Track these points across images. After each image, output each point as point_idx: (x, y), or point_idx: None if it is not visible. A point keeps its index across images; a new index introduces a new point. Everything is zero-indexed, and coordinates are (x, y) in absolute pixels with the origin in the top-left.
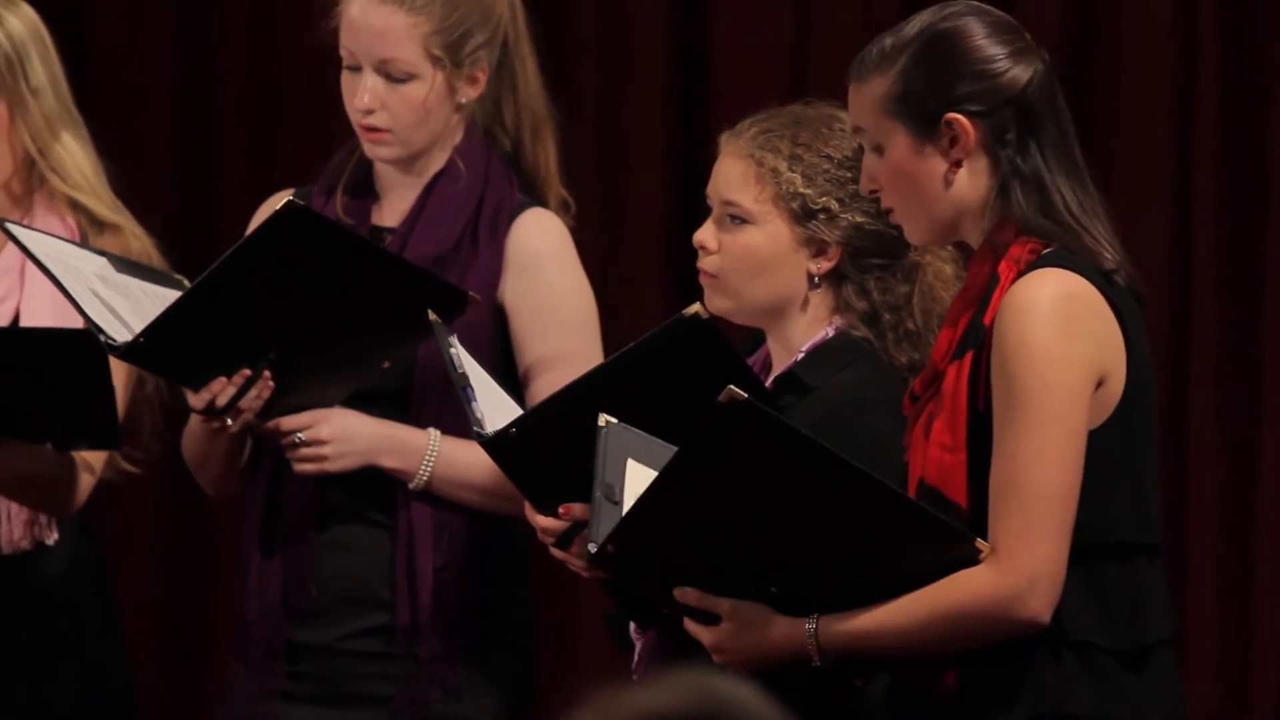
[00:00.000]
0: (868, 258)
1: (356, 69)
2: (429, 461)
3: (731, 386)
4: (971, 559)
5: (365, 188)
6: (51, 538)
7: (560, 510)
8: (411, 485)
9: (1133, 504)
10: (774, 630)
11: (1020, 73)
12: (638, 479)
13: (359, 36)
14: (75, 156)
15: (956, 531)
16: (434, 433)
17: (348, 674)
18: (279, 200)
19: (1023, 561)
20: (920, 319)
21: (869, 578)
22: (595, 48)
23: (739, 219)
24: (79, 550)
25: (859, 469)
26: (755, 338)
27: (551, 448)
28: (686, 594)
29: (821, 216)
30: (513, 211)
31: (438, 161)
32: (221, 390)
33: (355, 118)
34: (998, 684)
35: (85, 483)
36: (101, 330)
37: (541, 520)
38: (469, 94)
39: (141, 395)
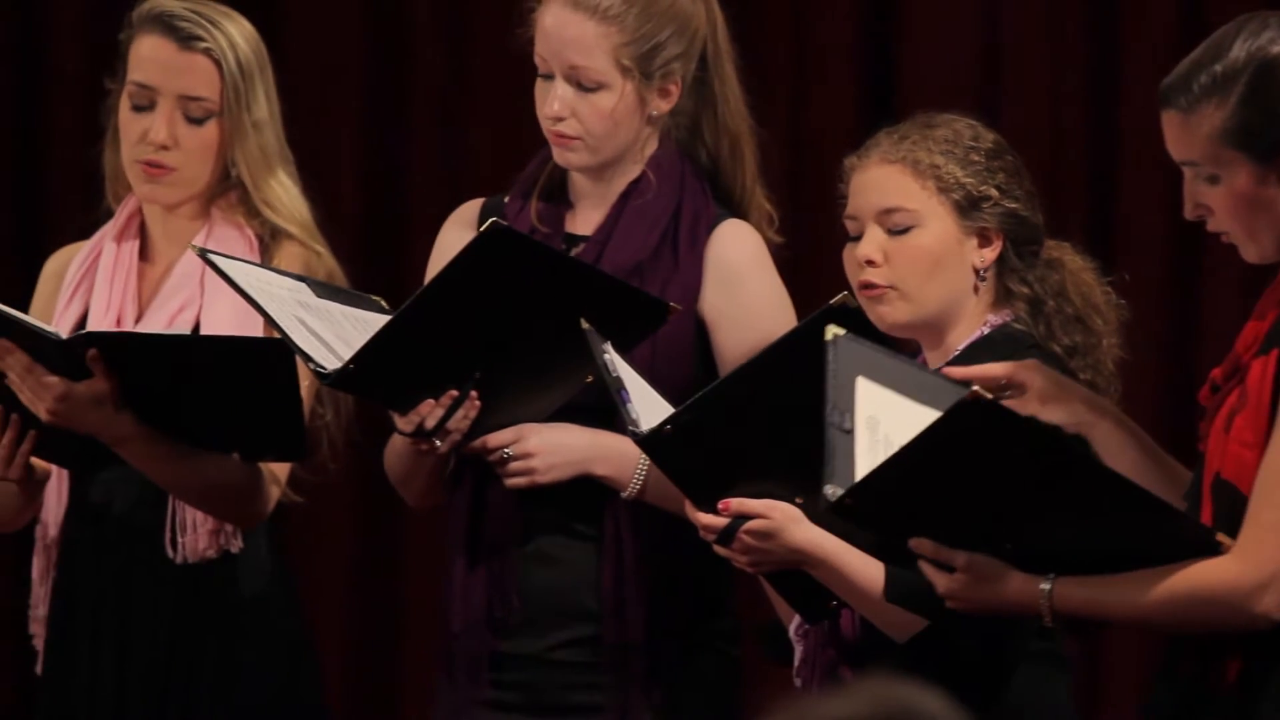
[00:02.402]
0: (1026, 245)
1: (549, 77)
2: (642, 468)
3: (976, 387)
4: (1214, 551)
5: (559, 196)
6: (236, 546)
7: (720, 506)
8: (625, 494)
9: None
10: (1008, 585)
11: None
12: (871, 400)
13: (550, 43)
14: (290, 194)
15: (1200, 526)
16: None
17: (557, 684)
18: (468, 211)
19: (1269, 557)
20: (1079, 302)
21: (1106, 552)
22: (784, 59)
23: (902, 227)
24: (267, 562)
25: (1105, 468)
26: (910, 347)
27: (709, 443)
28: (923, 544)
29: (985, 205)
30: (711, 223)
31: (632, 172)
32: (430, 412)
33: (546, 125)
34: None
35: (271, 494)
36: (310, 359)
37: (703, 518)
38: (660, 106)
39: (322, 421)
